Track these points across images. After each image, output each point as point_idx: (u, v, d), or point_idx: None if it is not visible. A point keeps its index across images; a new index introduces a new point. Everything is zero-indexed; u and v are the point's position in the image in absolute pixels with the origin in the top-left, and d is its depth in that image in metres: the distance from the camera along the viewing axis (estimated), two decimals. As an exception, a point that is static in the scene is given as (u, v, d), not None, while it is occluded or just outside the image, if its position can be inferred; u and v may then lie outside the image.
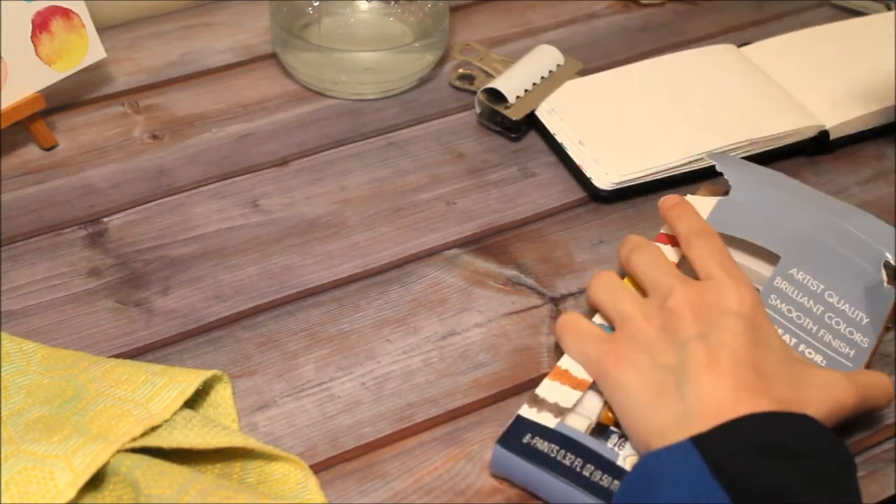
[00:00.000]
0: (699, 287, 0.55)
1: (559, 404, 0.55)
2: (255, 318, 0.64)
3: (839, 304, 0.59)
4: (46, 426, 0.54)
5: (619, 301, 0.57)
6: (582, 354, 0.56)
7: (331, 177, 0.74)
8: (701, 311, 0.53)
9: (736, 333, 0.51)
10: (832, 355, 0.57)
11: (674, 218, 0.61)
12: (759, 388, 0.49)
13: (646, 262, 0.58)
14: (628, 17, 0.90)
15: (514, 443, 0.54)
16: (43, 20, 0.72)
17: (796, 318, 0.58)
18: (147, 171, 0.74)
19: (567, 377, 0.56)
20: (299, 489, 0.54)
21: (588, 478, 0.52)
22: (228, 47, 0.85)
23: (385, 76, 0.80)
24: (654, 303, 0.55)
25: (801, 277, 0.59)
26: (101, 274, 0.66)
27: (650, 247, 0.59)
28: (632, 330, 0.55)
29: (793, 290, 0.59)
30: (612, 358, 0.54)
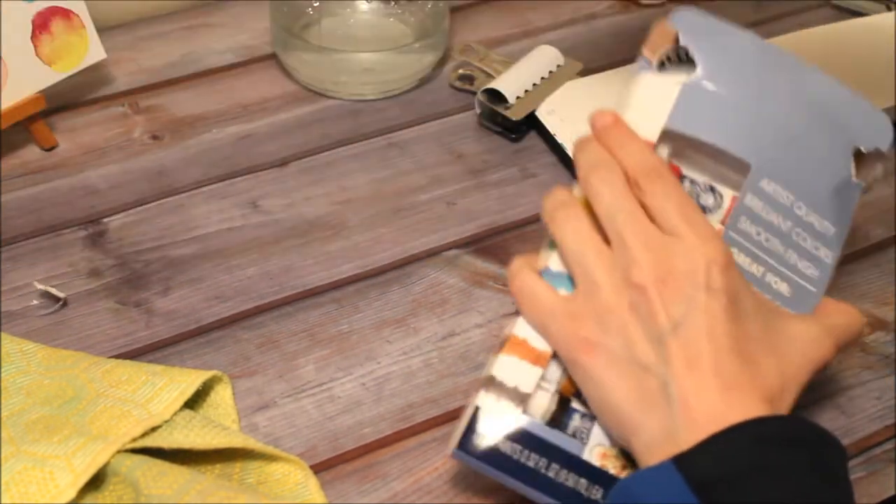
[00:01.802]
0: (664, 250, 0.49)
1: (519, 389, 0.50)
2: (255, 318, 0.64)
3: (807, 216, 0.55)
4: (47, 426, 0.54)
5: (587, 259, 0.50)
6: (543, 328, 0.51)
7: (331, 177, 0.74)
8: (669, 289, 0.48)
9: (712, 314, 0.47)
10: (798, 281, 0.54)
11: (615, 147, 0.52)
12: (745, 381, 0.47)
13: (606, 197, 0.50)
14: (628, 18, 0.90)
15: (474, 445, 0.50)
16: (43, 21, 0.72)
17: (764, 241, 0.54)
18: (147, 172, 0.74)
19: (525, 349, 0.51)
20: (299, 489, 0.54)
21: (553, 479, 0.50)
22: (229, 48, 0.85)
23: (385, 77, 0.80)
24: (618, 267, 0.49)
25: (772, 189, 0.54)
26: (102, 274, 0.66)
27: (612, 171, 0.51)
28: (598, 304, 0.49)
29: (762, 207, 0.54)
30: (581, 344, 0.49)
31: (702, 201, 0.56)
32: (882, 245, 0.71)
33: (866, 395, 0.62)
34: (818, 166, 0.55)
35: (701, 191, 0.56)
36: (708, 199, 0.56)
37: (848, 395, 0.61)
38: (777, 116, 0.55)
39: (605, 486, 0.50)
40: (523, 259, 0.53)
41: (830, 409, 0.61)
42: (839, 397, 0.61)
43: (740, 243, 0.54)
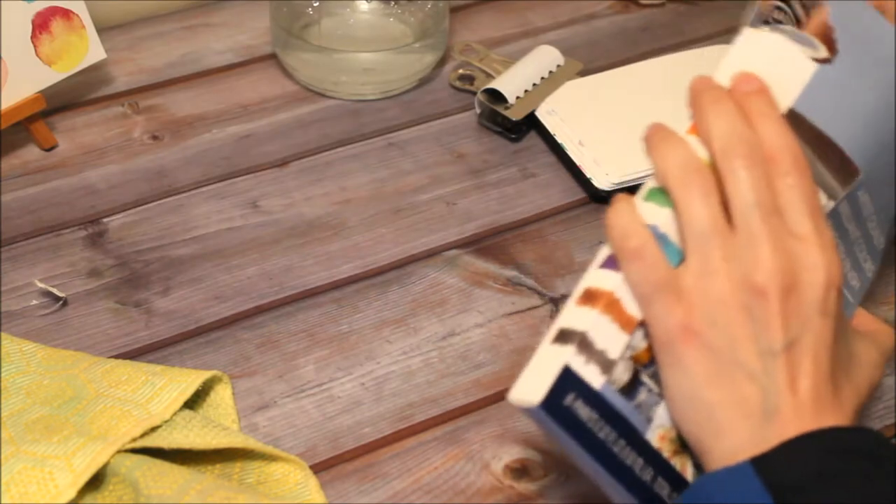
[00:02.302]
0: (790, 257, 0.46)
1: (606, 354, 0.46)
2: (254, 318, 0.64)
3: (873, 228, 0.54)
4: (46, 427, 0.54)
5: (712, 242, 0.46)
6: (644, 299, 0.46)
7: (331, 177, 0.74)
8: (791, 304, 0.45)
9: (822, 339, 0.46)
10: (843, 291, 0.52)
11: (756, 117, 0.47)
12: (833, 405, 0.47)
13: (747, 185, 0.46)
14: (628, 18, 0.90)
15: (557, 405, 0.46)
16: (43, 21, 0.72)
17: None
18: (147, 172, 0.74)
19: (619, 312, 0.47)
20: (299, 489, 0.54)
21: (615, 453, 0.47)
22: (228, 48, 0.85)
23: (385, 77, 0.80)
24: (741, 262, 0.46)
25: (864, 201, 0.52)
26: (102, 274, 0.66)
27: (756, 154, 0.46)
28: (710, 292, 0.46)
29: (848, 216, 0.52)
30: (682, 330, 0.46)
31: None
32: (882, 245, 0.71)
33: (866, 394, 0.61)
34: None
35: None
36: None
37: (848, 394, 0.61)
38: (891, 120, 0.52)
39: (657, 468, 0.49)
40: (630, 206, 0.47)
41: (830, 409, 0.60)
42: (839, 397, 0.61)
43: None
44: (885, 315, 0.66)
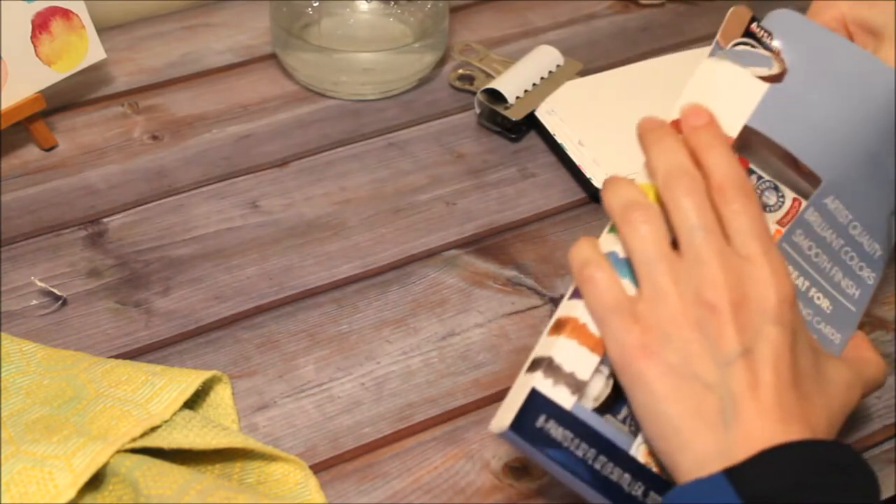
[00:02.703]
0: (739, 274, 0.48)
1: (576, 376, 0.49)
2: (254, 318, 0.64)
3: (860, 235, 0.54)
4: (46, 427, 0.54)
5: (659, 267, 0.48)
6: (602, 323, 0.49)
7: (331, 177, 0.74)
8: (743, 314, 0.47)
9: (779, 347, 0.47)
10: (839, 299, 0.55)
11: (703, 149, 0.50)
12: (800, 415, 0.47)
13: (688, 211, 0.48)
14: (628, 18, 0.90)
15: (528, 427, 0.48)
16: (43, 21, 0.72)
17: (814, 255, 0.54)
18: (147, 172, 0.74)
19: (585, 335, 0.49)
20: (299, 489, 0.54)
21: (598, 471, 0.49)
22: (228, 48, 0.85)
23: (385, 77, 0.80)
24: (690, 282, 0.48)
25: (834, 207, 0.53)
26: (101, 274, 0.67)
27: (696, 182, 0.49)
28: (663, 313, 0.48)
29: (820, 224, 0.53)
30: (639, 349, 0.47)
31: (765, 199, 0.56)
32: (882, 245, 0.71)
33: (866, 394, 0.62)
34: (882, 189, 0.55)
35: (766, 188, 0.56)
36: (771, 198, 0.56)
37: (848, 394, 0.61)
38: (858, 133, 0.54)
39: (647, 484, 0.50)
40: (589, 241, 0.50)
41: (830, 409, 0.61)
42: (839, 397, 0.61)
43: (790, 255, 0.53)
44: (884, 315, 0.66)
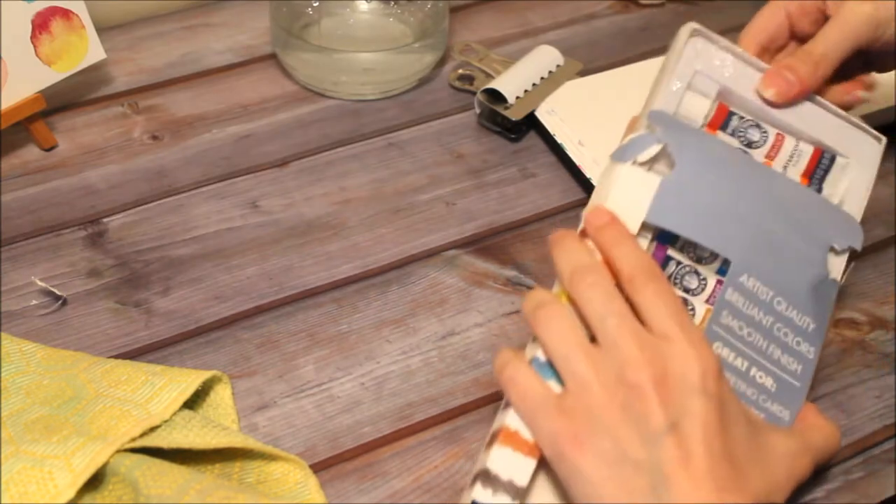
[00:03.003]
0: (658, 352, 0.48)
1: (514, 482, 0.49)
2: (254, 318, 0.64)
3: (787, 311, 0.55)
4: (46, 426, 0.54)
5: (574, 359, 0.49)
6: (532, 421, 0.49)
7: (330, 177, 0.74)
8: (666, 389, 0.47)
9: (707, 419, 0.47)
10: (782, 376, 0.55)
11: (609, 246, 0.52)
12: (736, 486, 0.47)
13: (595, 302, 0.50)
14: (628, 18, 0.90)
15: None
16: (43, 21, 0.72)
17: (747, 335, 0.54)
18: (147, 172, 0.74)
19: (518, 441, 0.50)
20: (299, 489, 0.54)
21: None
22: (228, 48, 0.85)
23: (385, 77, 0.80)
24: (610, 367, 0.48)
25: (752, 285, 0.55)
26: (101, 274, 0.67)
27: (599, 275, 0.50)
28: (589, 402, 0.48)
29: (743, 303, 0.54)
30: (570, 439, 0.48)
31: (686, 283, 0.57)
32: (882, 245, 0.71)
33: (866, 394, 0.62)
34: (795, 264, 0.56)
35: (686, 272, 0.57)
36: (692, 282, 0.57)
37: (848, 393, 0.61)
38: (753, 215, 0.55)
39: None
40: (511, 351, 0.51)
41: (830, 409, 0.61)
42: (839, 396, 0.61)
43: (724, 337, 0.54)
44: (884, 315, 0.66)
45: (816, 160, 0.60)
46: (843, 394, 0.61)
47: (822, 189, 0.60)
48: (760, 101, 0.59)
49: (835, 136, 0.61)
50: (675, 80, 0.59)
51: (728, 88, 0.59)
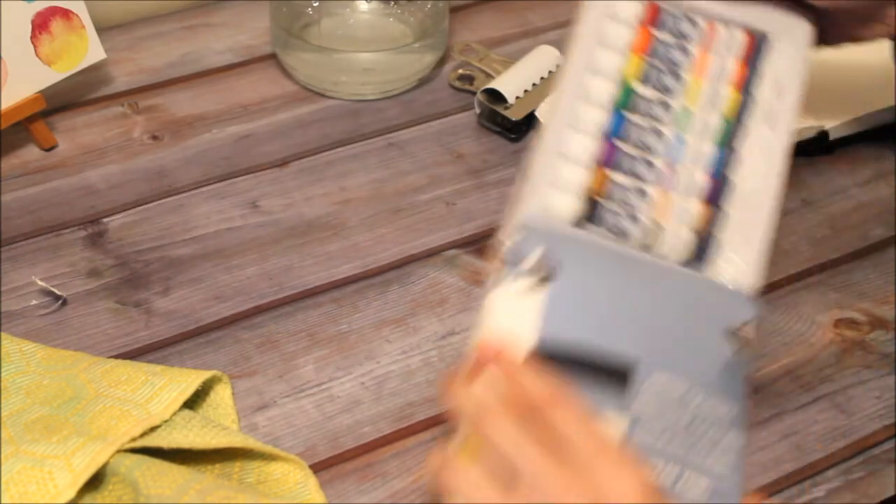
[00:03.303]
0: (587, 479, 0.45)
1: None
2: (254, 318, 0.64)
3: (705, 402, 0.52)
4: (46, 426, 0.54)
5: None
6: None
7: (330, 177, 0.74)
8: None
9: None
10: (714, 473, 0.51)
11: (508, 378, 0.48)
12: None
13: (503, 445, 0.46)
14: (628, 18, 0.90)
15: None
16: (43, 21, 0.72)
17: (667, 442, 0.51)
18: (147, 172, 0.74)
19: None
20: (299, 489, 0.54)
21: None
22: (228, 48, 0.85)
23: (385, 77, 0.80)
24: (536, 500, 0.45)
25: (664, 382, 0.52)
26: (101, 274, 0.67)
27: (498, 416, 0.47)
28: None
29: (657, 406, 0.51)
30: None
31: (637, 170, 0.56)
32: (882, 245, 0.71)
33: (866, 394, 0.62)
34: (699, 352, 0.53)
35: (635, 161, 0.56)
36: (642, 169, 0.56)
37: (848, 394, 0.61)
38: (647, 311, 0.53)
39: None
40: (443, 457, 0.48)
41: (830, 409, 0.61)
42: (839, 396, 0.61)
43: (648, 447, 0.51)
44: (884, 315, 0.66)
45: (751, 45, 0.59)
46: (843, 394, 0.61)
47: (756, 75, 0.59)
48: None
49: (766, 20, 0.60)
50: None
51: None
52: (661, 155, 0.57)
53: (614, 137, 0.56)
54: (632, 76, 0.58)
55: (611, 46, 0.59)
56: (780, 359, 0.63)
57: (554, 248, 0.53)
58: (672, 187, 0.56)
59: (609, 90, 0.58)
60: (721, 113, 0.58)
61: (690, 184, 0.56)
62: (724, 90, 0.58)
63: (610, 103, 0.58)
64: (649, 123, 0.58)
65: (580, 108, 0.57)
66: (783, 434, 0.59)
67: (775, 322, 0.65)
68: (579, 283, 0.52)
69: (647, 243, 0.55)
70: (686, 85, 0.59)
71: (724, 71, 0.59)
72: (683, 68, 0.59)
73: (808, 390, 0.61)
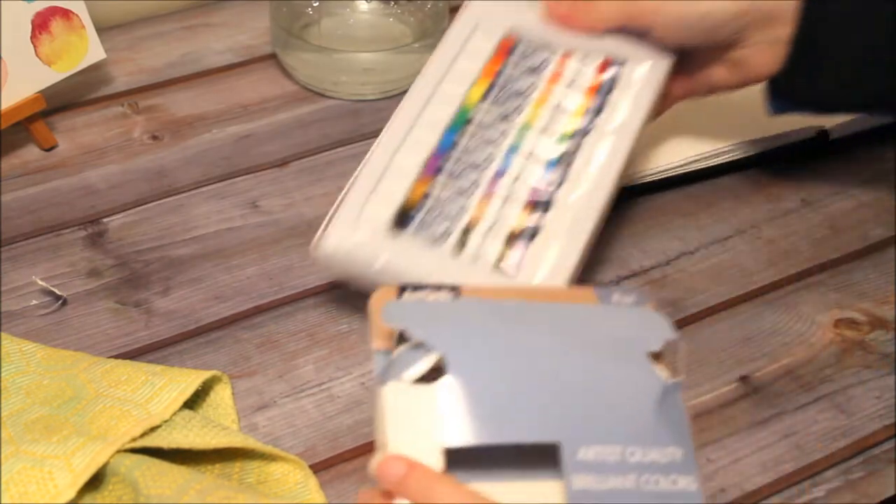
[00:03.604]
0: None
1: None
2: (254, 318, 0.64)
3: (646, 456, 0.46)
4: (46, 426, 0.54)
5: None
6: None
7: (331, 177, 0.74)
8: None
9: None
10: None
11: (422, 497, 0.42)
12: None
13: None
14: (628, 18, 0.90)
15: None
16: (43, 21, 0.72)
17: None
18: (147, 172, 0.74)
19: None
20: (299, 489, 0.54)
21: None
22: (228, 48, 0.85)
23: (385, 77, 0.80)
24: None
25: (594, 455, 0.45)
26: (101, 274, 0.67)
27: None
28: None
29: (596, 479, 0.45)
30: None
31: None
32: (882, 245, 0.71)
33: (866, 394, 0.61)
34: (627, 397, 0.47)
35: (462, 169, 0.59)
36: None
37: (848, 394, 0.61)
38: (551, 377, 0.46)
39: None
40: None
41: (830, 409, 0.61)
42: (839, 396, 0.61)
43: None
44: (884, 315, 0.66)
45: (603, 73, 0.63)
46: (843, 394, 0.61)
47: (606, 101, 0.62)
48: (549, 32, 0.64)
49: (623, 52, 0.64)
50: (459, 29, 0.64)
51: (516, 26, 0.64)
52: (488, 169, 0.59)
53: (441, 154, 0.59)
54: (473, 100, 0.62)
55: (457, 76, 0.63)
56: (780, 359, 0.63)
57: (428, 327, 0.45)
58: (493, 196, 0.58)
59: (447, 112, 0.61)
60: (560, 133, 0.61)
61: (514, 194, 0.58)
62: (567, 113, 0.61)
63: (444, 124, 0.61)
64: (480, 141, 0.60)
65: (414, 129, 0.61)
66: (783, 434, 0.59)
67: (775, 322, 0.65)
68: (469, 371, 0.45)
69: (461, 245, 0.55)
70: (528, 107, 0.62)
71: (570, 95, 0.63)
72: (527, 93, 0.62)
73: (808, 390, 0.61)
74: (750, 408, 0.61)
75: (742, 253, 0.69)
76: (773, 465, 0.58)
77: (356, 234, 0.57)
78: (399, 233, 0.57)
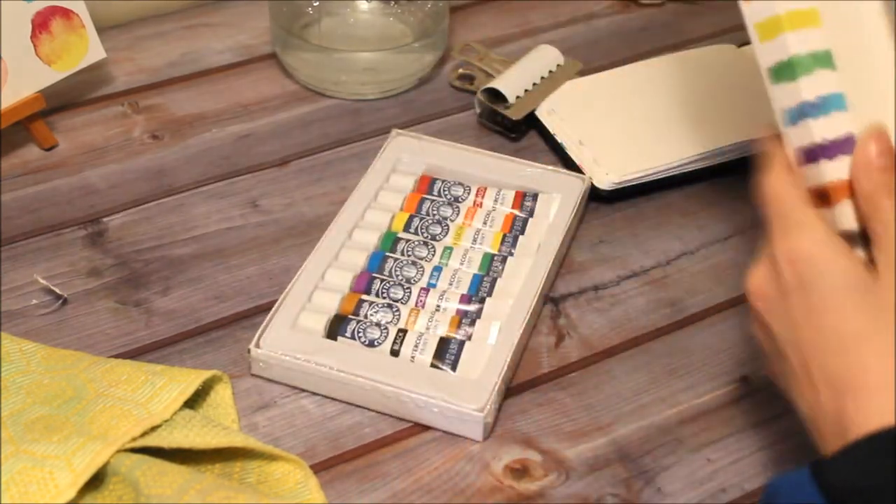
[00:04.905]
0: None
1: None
2: (254, 318, 0.64)
3: None
4: (46, 426, 0.54)
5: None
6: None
7: (331, 177, 0.74)
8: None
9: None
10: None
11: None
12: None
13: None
14: (628, 17, 0.90)
15: None
16: (43, 20, 0.72)
17: None
18: (147, 172, 0.74)
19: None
20: (299, 489, 0.54)
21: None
22: (228, 47, 0.85)
23: (385, 76, 0.80)
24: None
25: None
26: (101, 274, 0.66)
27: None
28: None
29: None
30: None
31: (392, 294, 0.63)
32: (882, 245, 0.71)
33: (866, 394, 0.61)
34: None
35: (391, 286, 0.63)
36: (398, 292, 0.63)
37: (848, 394, 0.61)
38: None
39: None
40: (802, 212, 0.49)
41: (830, 409, 0.60)
42: (839, 397, 0.61)
43: None
44: (884, 315, 0.66)
45: (521, 198, 0.69)
46: (844, 394, 0.61)
47: (524, 228, 0.67)
48: (463, 169, 0.71)
49: (540, 181, 0.70)
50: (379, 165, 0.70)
51: (433, 164, 0.71)
52: (418, 282, 0.63)
53: (372, 271, 0.64)
54: (398, 227, 0.66)
55: (381, 207, 0.68)
56: (781, 359, 0.63)
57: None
58: (423, 304, 0.62)
59: (373, 238, 0.66)
60: (485, 249, 0.66)
61: (444, 302, 0.62)
62: (491, 231, 0.67)
63: (371, 247, 0.65)
64: (408, 259, 0.65)
65: (343, 251, 0.65)
66: (783, 434, 0.59)
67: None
68: None
69: (394, 349, 0.59)
70: (452, 230, 0.67)
71: (493, 217, 0.68)
72: (450, 218, 0.68)
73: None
74: (750, 408, 0.61)
75: (742, 253, 0.69)
76: (773, 465, 0.58)
77: (292, 340, 0.60)
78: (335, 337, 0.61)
